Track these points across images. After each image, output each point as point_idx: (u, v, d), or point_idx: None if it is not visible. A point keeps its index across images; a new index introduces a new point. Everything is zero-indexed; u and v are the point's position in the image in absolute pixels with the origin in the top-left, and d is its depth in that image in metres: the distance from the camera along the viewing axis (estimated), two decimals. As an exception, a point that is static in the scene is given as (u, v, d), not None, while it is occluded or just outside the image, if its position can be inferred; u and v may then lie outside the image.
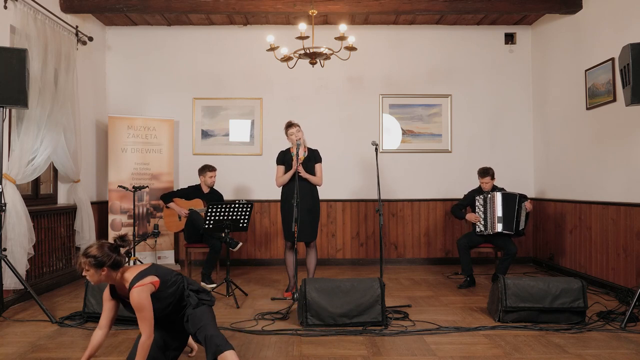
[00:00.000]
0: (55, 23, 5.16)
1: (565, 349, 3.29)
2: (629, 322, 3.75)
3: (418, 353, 3.24)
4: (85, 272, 2.61)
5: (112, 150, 6.24)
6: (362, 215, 6.75)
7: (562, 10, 5.74)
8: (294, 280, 4.81)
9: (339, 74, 6.71)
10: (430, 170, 6.79)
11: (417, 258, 6.75)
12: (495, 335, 3.59)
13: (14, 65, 3.86)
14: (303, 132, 4.80)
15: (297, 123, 4.79)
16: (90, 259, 2.58)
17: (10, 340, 3.51)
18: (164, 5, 5.69)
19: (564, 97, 5.99)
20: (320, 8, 5.60)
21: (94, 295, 3.89)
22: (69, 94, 5.26)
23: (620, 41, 4.47)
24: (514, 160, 6.79)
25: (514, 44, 6.84)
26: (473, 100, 6.84)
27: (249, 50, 6.75)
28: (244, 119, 6.81)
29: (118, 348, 3.33)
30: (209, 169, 5.68)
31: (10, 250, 4.26)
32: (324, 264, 6.58)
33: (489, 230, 5.28)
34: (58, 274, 5.33)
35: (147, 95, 6.80)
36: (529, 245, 6.75)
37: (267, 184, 6.16)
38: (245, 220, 4.83)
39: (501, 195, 5.29)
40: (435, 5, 5.73)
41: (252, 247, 6.74)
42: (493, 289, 4.13)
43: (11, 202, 4.29)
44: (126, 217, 6.23)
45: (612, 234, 4.99)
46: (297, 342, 3.47)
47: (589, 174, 5.44)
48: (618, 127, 4.91)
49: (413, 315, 4.10)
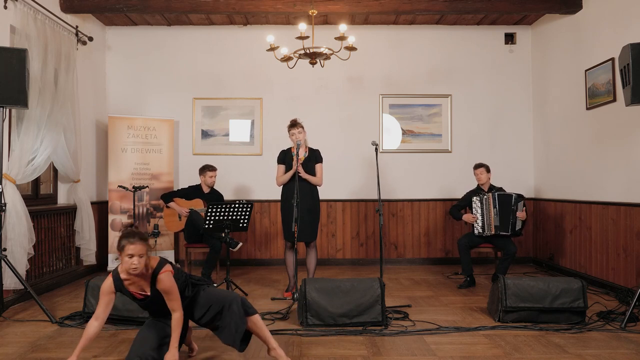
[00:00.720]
0: (55, 23, 5.16)
1: (565, 349, 3.29)
2: (629, 322, 3.75)
3: (418, 353, 3.24)
4: (139, 258, 2.65)
5: (112, 150, 6.24)
6: (362, 215, 6.75)
7: (562, 10, 5.74)
8: (294, 280, 4.81)
9: (339, 74, 6.71)
10: (430, 170, 6.79)
11: (417, 258, 6.74)
12: (495, 335, 3.59)
13: (14, 65, 3.86)
14: (306, 133, 4.79)
15: (300, 123, 4.76)
16: (145, 241, 2.67)
17: (10, 340, 3.51)
18: (164, 5, 5.69)
19: (564, 97, 5.98)
20: (320, 8, 5.60)
21: (94, 295, 3.88)
22: (69, 94, 5.26)
23: (620, 41, 4.47)
24: (514, 160, 6.79)
25: (514, 44, 6.84)
26: (473, 100, 6.84)
27: (249, 50, 6.75)
28: (244, 119, 6.81)
29: (118, 348, 3.33)
30: (209, 168, 5.68)
31: (10, 250, 4.26)
32: (324, 264, 6.58)
33: (487, 232, 5.28)
34: (58, 274, 5.32)
35: (147, 95, 6.80)
36: (529, 245, 6.75)
37: (267, 184, 6.16)
38: (245, 220, 4.83)
39: (497, 196, 5.29)
40: (435, 5, 5.73)
41: (252, 247, 6.74)
42: (493, 289, 4.13)
43: (11, 202, 4.29)
44: (126, 217, 6.23)
45: (612, 234, 4.99)
46: (297, 342, 3.47)
47: (589, 174, 5.44)
48: (618, 127, 4.91)
49: (413, 315, 4.10)
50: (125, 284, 2.79)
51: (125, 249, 2.65)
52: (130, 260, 2.64)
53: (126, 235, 2.68)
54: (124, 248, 2.66)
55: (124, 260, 2.67)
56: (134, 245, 2.65)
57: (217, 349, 3.32)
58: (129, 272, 2.70)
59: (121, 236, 2.71)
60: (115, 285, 2.78)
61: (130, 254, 2.64)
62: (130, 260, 2.65)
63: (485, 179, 5.44)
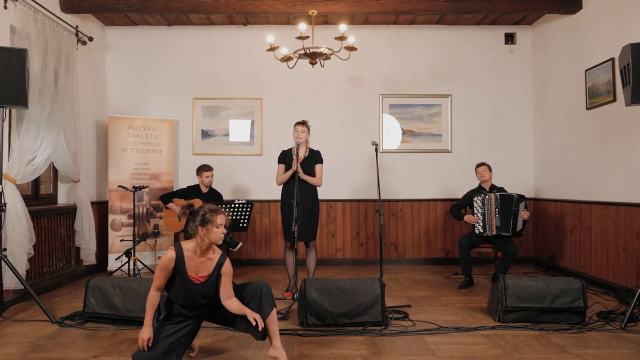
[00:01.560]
0: (55, 23, 5.16)
1: (565, 349, 3.29)
2: (629, 322, 3.75)
3: (418, 353, 3.24)
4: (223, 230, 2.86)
5: (112, 150, 6.23)
6: (362, 215, 6.75)
7: (562, 10, 5.74)
8: (294, 280, 4.81)
9: (339, 74, 6.71)
10: (430, 170, 6.79)
11: (417, 258, 6.74)
12: (495, 335, 3.59)
13: (14, 65, 3.86)
14: (309, 135, 4.79)
15: (307, 124, 4.77)
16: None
17: (10, 340, 3.51)
18: (164, 5, 5.69)
19: (564, 97, 5.98)
20: (320, 8, 5.60)
21: (94, 295, 3.89)
22: (69, 94, 5.26)
23: (620, 41, 4.47)
24: (514, 160, 6.79)
25: (514, 44, 6.84)
26: (473, 100, 6.84)
27: (249, 50, 6.75)
28: (244, 119, 6.81)
29: (118, 348, 3.33)
30: (205, 168, 5.68)
31: (10, 250, 4.26)
32: (324, 264, 6.58)
33: (488, 232, 5.28)
34: (58, 274, 5.32)
35: (147, 95, 6.80)
36: (529, 245, 6.75)
37: (267, 184, 6.16)
38: (245, 220, 4.83)
39: (499, 196, 5.29)
40: (435, 5, 5.73)
41: (252, 247, 6.74)
42: (493, 289, 4.13)
43: (11, 202, 4.29)
44: (126, 217, 6.23)
45: (612, 234, 4.99)
46: (297, 342, 3.47)
47: (589, 174, 5.44)
48: (618, 127, 4.91)
49: (413, 315, 4.10)
50: (188, 265, 2.87)
51: (216, 219, 2.82)
52: (219, 230, 2.83)
53: (211, 210, 2.86)
54: (213, 219, 2.82)
55: (212, 231, 2.82)
56: (223, 215, 2.86)
57: (218, 349, 3.32)
58: (216, 242, 2.87)
59: (204, 212, 2.85)
60: (176, 262, 2.86)
61: (221, 223, 2.83)
62: (220, 230, 2.83)
63: (488, 176, 5.45)
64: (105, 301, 3.86)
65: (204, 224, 2.84)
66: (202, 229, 2.84)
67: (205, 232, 2.84)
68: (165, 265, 2.85)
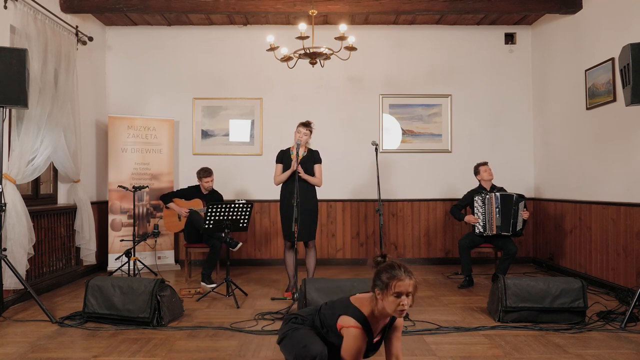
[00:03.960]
0: (55, 23, 5.16)
1: (565, 349, 3.29)
2: (629, 322, 3.74)
3: (418, 353, 3.24)
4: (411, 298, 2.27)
5: (112, 150, 6.23)
6: (362, 215, 6.75)
7: (562, 10, 5.74)
8: (293, 280, 4.81)
9: (339, 74, 6.71)
10: (430, 170, 6.79)
11: (417, 258, 6.74)
12: (495, 335, 3.59)
13: (14, 65, 3.86)
14: (311, 138, 4.79)
15: (310, 126, 4.76)
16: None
17: (10, 340, 3.51)
18: (164, 5, 5.69)
19: (564, 97, 5.99)
20: (320, 8, 5.60)
21: (94, 295, 3.89)
22: (69, 94, 5.26)
23: (620, 41, 4.47)
24: (514, 160, 6.79)
25: (514, 44, 6.84)
26: (473, 100, 6.84)
27: (249, 50, 6.75)
28: (244, 119, 6.81)
29: (118, 348, 3.33)
30: (204, 174, 5.64)
31: (10, 250, 4.26)
32: (324, 264, 6.58)
33: (488, 232, 5.27)
34: (58, 274, 5.32)
35: (147, 95, 6.80)
36: (529, 245, 6.75)
37: (267, 184, 6.14)
38: (245, 220, 4.82)
39: (500, 196, 5.29)
40: (435, 5, 5.73)
41: (252, 247, 6.74)
42: (493, 289, 4.13)
43: (11, 202, 4.29)
44: (126, 217, 6.23)
45: (612, 234, 4.99)
46: (297, 342, 3.46)
47: (589, 174, 5.44)
48: (618, 127, 4.91)
49: (413, 315, 4.09)
50: (372, 327, 2.37)
51: (399, 285, 2.22)
52: (403, 299, 2.22)
53: (394, 268, 2.26)
54: (397, 284, 2.22)
55: (389, 299, 2.23)
56: (411, 280, 2.24)
57: (218, 348, 3.32)
58: (397, 314, 2.27)
59: (385, 269, 2.28)
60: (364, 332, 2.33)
61: (409, 291, 2.23)
62: (404, 299, 2.22)
63: (491, 175, 5.45)
64: (105, 301, 3.86)
65: (380, 286, 2.27)
66: (379, 292, 2.28)
67: (382, 295, 2.27)
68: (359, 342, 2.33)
